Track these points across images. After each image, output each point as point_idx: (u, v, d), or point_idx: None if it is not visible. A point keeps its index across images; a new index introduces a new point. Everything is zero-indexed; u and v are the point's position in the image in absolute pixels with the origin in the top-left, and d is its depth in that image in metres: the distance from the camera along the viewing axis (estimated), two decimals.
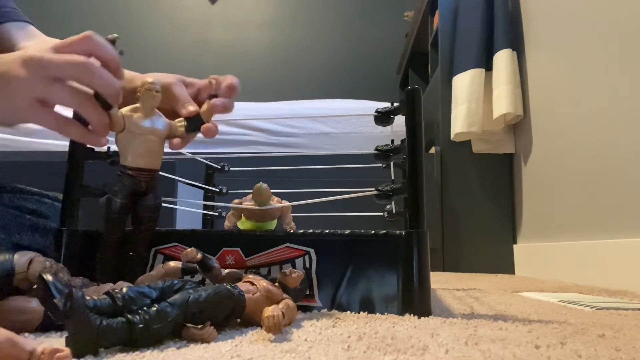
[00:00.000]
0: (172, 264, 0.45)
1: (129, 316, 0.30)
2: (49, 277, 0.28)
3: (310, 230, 0.52)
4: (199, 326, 0.33)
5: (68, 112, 0.48)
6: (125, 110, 0.49)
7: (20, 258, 0.37)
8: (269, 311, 0.35)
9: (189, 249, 0.41)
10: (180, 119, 0.53)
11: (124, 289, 0.33)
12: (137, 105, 0.49)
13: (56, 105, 0.46)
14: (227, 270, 0.45)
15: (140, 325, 0.30)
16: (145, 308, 0.32)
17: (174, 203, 0.89)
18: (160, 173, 0.53)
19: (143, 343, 0.31)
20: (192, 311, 0.34)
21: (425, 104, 0.53)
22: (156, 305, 0.32)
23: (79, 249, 0.55)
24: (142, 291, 0.33)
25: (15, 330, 0.24)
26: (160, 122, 0.51)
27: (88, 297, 0.30)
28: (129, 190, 0.50)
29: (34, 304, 0.36)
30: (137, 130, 0.49)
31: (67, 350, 0.24)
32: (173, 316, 0.32)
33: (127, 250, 0.52)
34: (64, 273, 0.40)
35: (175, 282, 0.36)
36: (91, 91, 0.45)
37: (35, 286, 0.36)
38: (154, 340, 0.31)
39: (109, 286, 0.41)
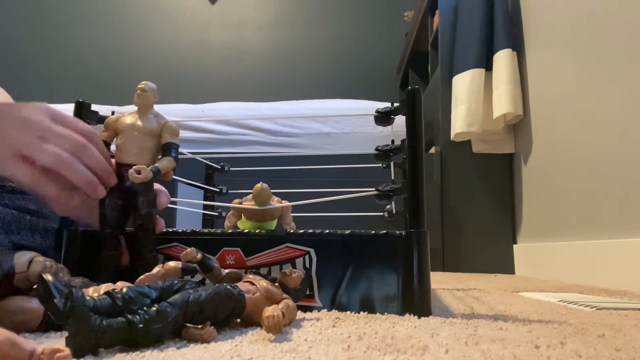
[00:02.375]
0: (172, 264, 0.45)
1: (129, 316, 0.30)
2: (49, 277, 0.28)
3: (310, 230, 0.52)
4: (199, 326, 0.33)
5: None
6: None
7: (20, 258, 0.37)
8: (269, 311, 0.35)
9: (189, 249, 0.41)
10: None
11: (124, 289, 0.33)
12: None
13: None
14: (227, 270, 0.45)
15: (140, 325, 0.30)
16: (145, 308, 0.31)
17: (174, 203, 0.89)
18: None
19: (143, 343, 0.31)
20: (192, 311, 0.34)
21: (425, 104, 0.53)
22: (156, 305, 0.32)
23: (79, 249, 0.55)
24: (142, 291, 0.33)
25: (15, 330, 0.24)
26: (149, 120, 0.51)
27: (88, 297, 0.30)
28: (118, 187, 0.51)
29: (34, 304, 0.36)
30: (122, 128, 0.51)
31: (67, 350, 0.24)
32: (173, 316, 0.32)
33: (133, 252, 0.52)
34: (64, 273, 0.40)
35: (175, 282, 0.36)
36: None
37: (35, 286, 0.36)
38: (154, 340, 0.31)
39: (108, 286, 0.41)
